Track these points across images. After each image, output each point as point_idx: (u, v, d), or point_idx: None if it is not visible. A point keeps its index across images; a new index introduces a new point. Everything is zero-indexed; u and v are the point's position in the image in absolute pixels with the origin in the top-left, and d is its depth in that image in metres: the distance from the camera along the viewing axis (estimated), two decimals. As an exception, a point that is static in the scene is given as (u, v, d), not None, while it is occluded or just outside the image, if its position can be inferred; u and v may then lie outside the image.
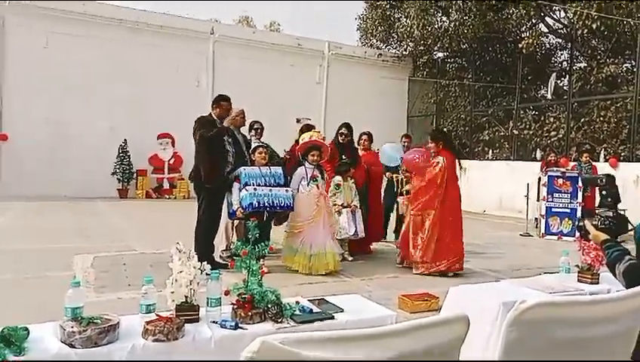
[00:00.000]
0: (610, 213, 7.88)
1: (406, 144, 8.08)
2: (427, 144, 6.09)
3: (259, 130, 6.81)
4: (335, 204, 6.09)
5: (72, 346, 1.89)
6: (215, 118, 5.64)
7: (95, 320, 1.97)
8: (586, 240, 3.03)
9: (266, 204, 5.29)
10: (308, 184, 5.67)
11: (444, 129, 6.52)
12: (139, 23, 14.05)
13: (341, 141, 6.72)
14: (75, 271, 5.32)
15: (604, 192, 8.65)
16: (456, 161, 6.11)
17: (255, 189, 5.29)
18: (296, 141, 6.71)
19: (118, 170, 13.56)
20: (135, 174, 13.86)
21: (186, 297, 2.23)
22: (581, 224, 2.35)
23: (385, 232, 7.69)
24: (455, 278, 5.59)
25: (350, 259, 6.23)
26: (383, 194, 7.62)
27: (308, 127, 6.87)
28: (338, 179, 6.15)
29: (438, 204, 5.77)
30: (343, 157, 6.47)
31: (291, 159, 6.67)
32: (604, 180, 8.65)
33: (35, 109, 12.72)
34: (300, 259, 5.51)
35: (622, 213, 8.39)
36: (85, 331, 1.90)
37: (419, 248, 5.73)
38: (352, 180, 6.35)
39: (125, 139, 13.62)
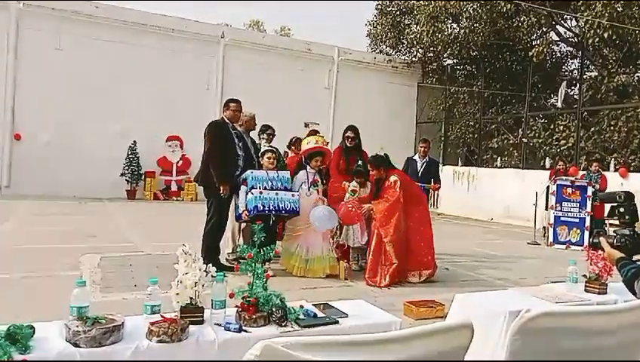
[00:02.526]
0: (627, 231, 7.67)
1: (423, 149, 7.95)
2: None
3: (271, 136, 6.73)
4: None
5: (76, 345, 1.90)
6: (227, 120, 5.69)
7: (100, 320, 1.98)
8: (592, 248, 2.99)
9: (272, 207, 5.30)
10: (309, 189, 5.67)
11: (384, 153, 6.13)
12: (149, 25, 14.16)
13: (348, 145, 6.39)
14: (81, 270, 5.35)
15: (621, 209, 8.44)
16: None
17: (261, 193, 5.30)
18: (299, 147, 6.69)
19: (126, 172, 13.64)
20: (143, 176, 13.94)
21: (191, 299, 2.24)
22: (596, 241, 2.31)
23: None
24: (460, 285, 5.55)
25: (355, 268, 6.05)
26: None
27: (315, 133, 6.86)
28: (354, 185, 6.04)
29: (404, 222, 5.56)
30: (360, 162, 6.14)
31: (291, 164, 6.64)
32: (622, 197, 8.50)
33: (46, 109, 12.84)
34: (295, 262, 5.54)
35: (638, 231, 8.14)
36: (90, 331, 1.91)
37: (389, 275, 5.40)
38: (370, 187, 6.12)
39: (134, 141, 13.71)
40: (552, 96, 16.69)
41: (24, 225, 8.42)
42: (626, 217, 2.21)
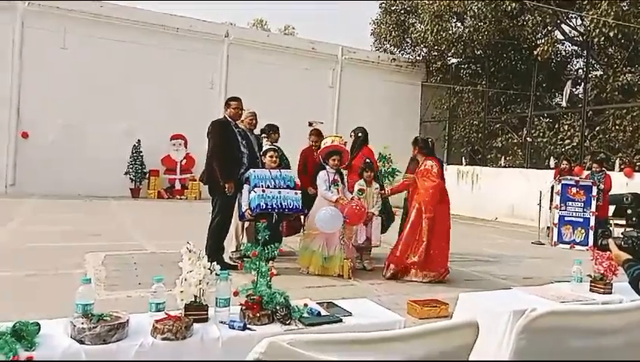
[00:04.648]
0: (635, 233, 7.66)
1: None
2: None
3: (271, 134, 6.72)
4: None
5: (81, 342, 1.91)
6: (229, 118, 5.71)
7: (105, 317, 1.99)
8: (601, 250, 2.98)
9: (274, 205, 5.30)
10: (329, 188, 5.68)
11: (429, 138, 6.47)
12: (154, 24, 14.17)
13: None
14: (86, 268, 5.38)
15: (629, 211, 8.45)
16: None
17: (263, 191, 5.31)
18: (312, 145, 6.71)
19: (131, 170, 13.68)
20: (147, 174, 13.97)
21: (195, 297, 2.24)
22: (604, 242, 2.31)
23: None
24: (464, 285, 5.54)
25: (369, 268, 6.09)
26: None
27: (317, 132, 6.88)
28: (361, 183, 6.08)
29: (440, 209, 5.76)
30: (367, 160, 6.32)
31: (300, 165, 6.65)
32: (629, 199, 8.50)
33: (51, 109, 12.88)
34: (316, 261, 5.56)
35: None
36: (95, 328, 1.92)
37: (417, 255, 5.59)
38: (377, 186, 6.20)
39: (139, 140, 13.74)
40: (557, 95, 16.62)
41: (29, 223, 8.45)
42: (634, 219, 2.20)
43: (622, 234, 2.16)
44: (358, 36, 43.77)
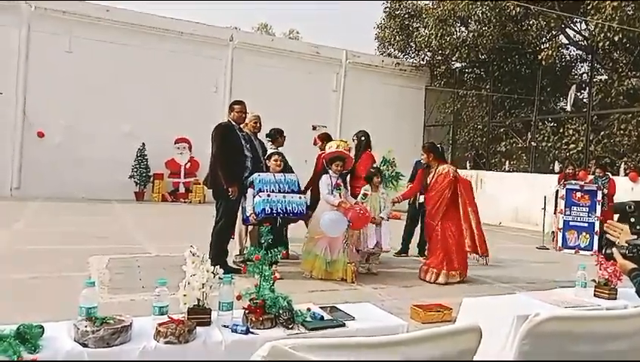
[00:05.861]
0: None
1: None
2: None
3: (278, 138, 6.69)
4: None
5: (85, 345, 1.91)
6: (233, 122, 5.72)
7: (108, 321, 2.00)
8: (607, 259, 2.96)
9: (279, 210, 5.31)
10: (332, 192, 5.69)
11: (438, 144, 6.75)
12: (159, 28, 14.24)
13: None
14: (90, 271, 5.39)
15: (632, 219, 8.40)
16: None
17: (268, 195, 5.32)
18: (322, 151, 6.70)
19: (135, 173, 13.72)
20: (152, 177, 14.01)
21: (198, 300, 2.25)
22: (609, 251, 2.30)
23: (406, 246, 7.63)
24: (468, 289, 5.52)
25: (374, 271, 6.12)
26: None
27: (327, 136, 6.89)
28: (366, 188, 6.11)
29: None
30: (374, 165, 6.39)
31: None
32: (632, 206, 8.46)
33: (56, 112, 12.95)
34: (319, 265, 5.56)
35: None
36: (98, 331, 1.93)
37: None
38: (383, 191, 6.26)
39: (143, 143, 13.79)
40: (562, 99, 16.58)
41: (33, 226, 8.48)
42: (637, 227, 2.16)
43: (626, 242, 2.14)
44: (360, 37, 43.87)
